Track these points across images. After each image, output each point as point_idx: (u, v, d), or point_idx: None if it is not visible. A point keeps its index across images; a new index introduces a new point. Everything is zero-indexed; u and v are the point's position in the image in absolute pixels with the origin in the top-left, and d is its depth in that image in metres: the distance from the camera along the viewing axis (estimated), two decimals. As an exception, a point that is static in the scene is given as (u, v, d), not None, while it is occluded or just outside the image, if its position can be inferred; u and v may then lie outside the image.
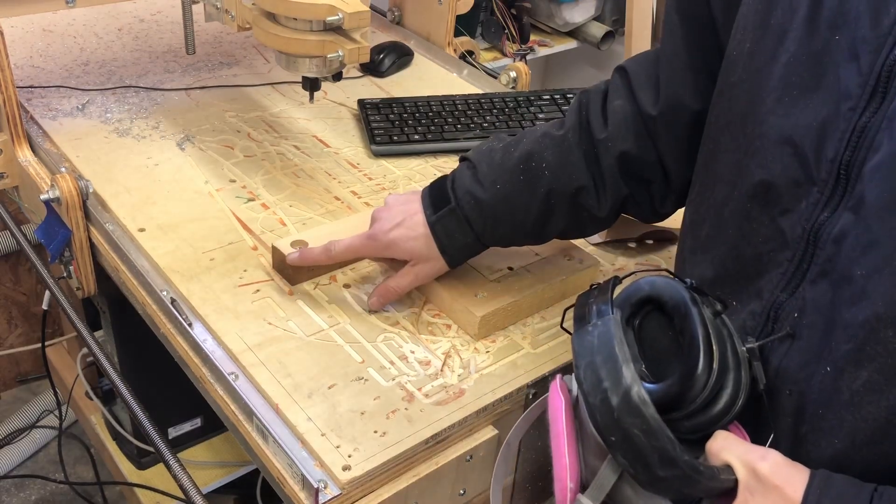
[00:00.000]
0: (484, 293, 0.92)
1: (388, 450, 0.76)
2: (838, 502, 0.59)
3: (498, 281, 0.93)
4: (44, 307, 1.41)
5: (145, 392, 0.95)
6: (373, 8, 1.57)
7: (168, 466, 0.84)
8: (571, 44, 2.46)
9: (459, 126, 1.25)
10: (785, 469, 0.62)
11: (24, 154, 1.12)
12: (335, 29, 0.98)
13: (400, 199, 0.91)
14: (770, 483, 0.61)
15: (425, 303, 0.94)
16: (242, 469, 1.49)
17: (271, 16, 1.00)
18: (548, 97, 1.34)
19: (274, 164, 1.17)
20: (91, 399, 1.53)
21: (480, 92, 1.38)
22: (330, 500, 0.73)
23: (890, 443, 0.62)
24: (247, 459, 1.31)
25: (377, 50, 1.43)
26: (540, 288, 0.93)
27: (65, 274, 1.12)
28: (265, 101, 1.32)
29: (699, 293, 0.67)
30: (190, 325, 0.88)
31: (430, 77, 1.45)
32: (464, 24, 1.94)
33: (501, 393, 0.83)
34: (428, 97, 1.31)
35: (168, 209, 1.05)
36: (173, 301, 0.91)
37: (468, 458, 0.82)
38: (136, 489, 1.45)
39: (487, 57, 2.24)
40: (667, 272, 0.72)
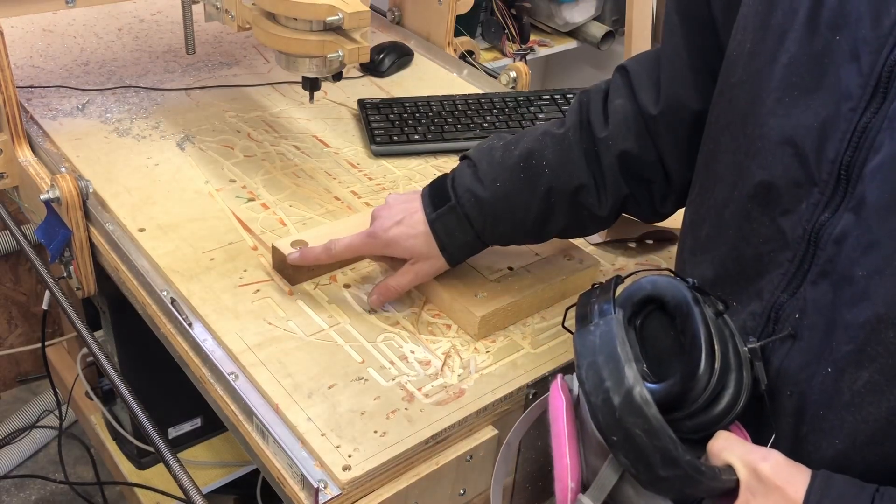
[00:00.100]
0: (484, 293, 0.92)
1: (388, 450, 0.76)
2: (839, 503, 0.59)
3: (498, 281, 0.93)
4: (44, 307, 1.40)
5: (145, 392, 0.95)
6: (373, 8, 1.57)
7: (168, 466, 0.84)
8: (571, 44, 2.46)
9: (459, 126, 1.25)
10: (786, 470, 0.61)
11: (24, 154, 1.12)
12: (335, 29, 0.98)
13: (400, 198, 0.91)
14: (771, 483, 0.61)
15: (425, 303, 0.94)
16: (242, 469, 1.49)
17: (271, 16, 1.00)
18: (548, 97, 1.34)
19: (274, 164, 1.16)
20: (91, 399, 1.53)
21: (480, 92, 1.38)
22: (330, 500, 0.72)
23: (891, 443, 0.62)
24: (247, 459, 1.31)
25: (377, 50, 1.43)
26: (540, 288, 0.93)
27: (65, 274, 1.12)
28: (265, 101, 1.32)
29: (701, 293, 0.67)
30: (190, 325, 0.88)
31: (430, 77, 1.45)
32: (464, 24, 1.94)
33: (501, 393, 0.83)
34: (428, 97, 1.31)
35: (168, 209, 1.05)
36: (173, 301, 0.91)
37: (468, 458, 0.82)
38: (136, 489, 1.45)
39: (487, 57, 2.24)
40: (669, 272, 0.72)
